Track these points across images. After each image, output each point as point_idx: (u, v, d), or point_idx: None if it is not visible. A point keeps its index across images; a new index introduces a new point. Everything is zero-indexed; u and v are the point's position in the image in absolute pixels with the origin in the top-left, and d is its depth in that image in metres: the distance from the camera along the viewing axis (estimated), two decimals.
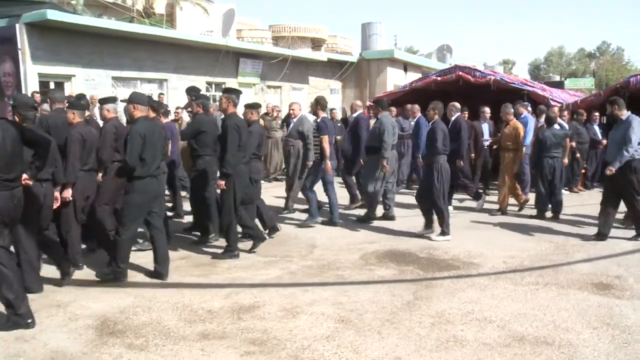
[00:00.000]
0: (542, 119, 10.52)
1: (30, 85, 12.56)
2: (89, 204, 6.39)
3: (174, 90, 16.12)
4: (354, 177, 9.85)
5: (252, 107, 7.75)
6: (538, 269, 6.35)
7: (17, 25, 12.52)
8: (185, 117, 10.53)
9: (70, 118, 6.20)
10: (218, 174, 6.95)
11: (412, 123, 11.90)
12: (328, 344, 4.34)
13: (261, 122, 12.32)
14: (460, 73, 13.17)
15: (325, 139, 8.36)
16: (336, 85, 22.98)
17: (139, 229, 6.34)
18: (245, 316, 4.89)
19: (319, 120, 8.66)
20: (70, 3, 17.25)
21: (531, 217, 9.16)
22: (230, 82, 18.17)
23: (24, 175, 4.92)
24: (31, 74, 12.71)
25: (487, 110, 11.59)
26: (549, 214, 9.15)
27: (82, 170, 6.13)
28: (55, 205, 5.72)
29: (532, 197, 9.84)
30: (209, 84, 17.68)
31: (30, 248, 5.38)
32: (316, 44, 24.55)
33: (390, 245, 7.44)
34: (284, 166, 13.73)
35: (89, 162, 6.23)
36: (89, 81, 13.94)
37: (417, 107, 11.95)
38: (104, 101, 6.40)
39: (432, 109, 7.98)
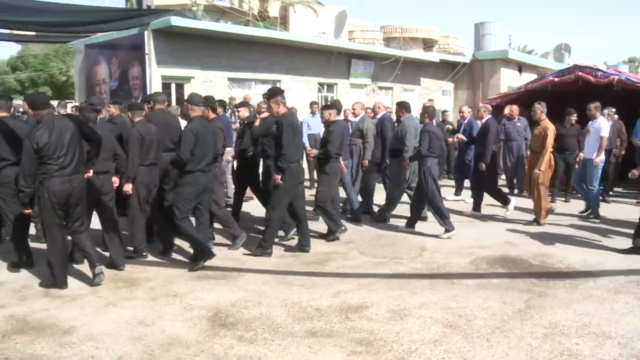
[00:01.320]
0: None
1: (154, 87, 13.31)
2: (153, 196, 6.84)
3: (286, 90, 16.43)
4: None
5: (330, 107, 7.85)
6: None
7: (145, 33, 13.35)
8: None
9: (130, 118, 6.89)
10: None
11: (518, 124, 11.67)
12: (435, 348, 4.27)
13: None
14: (580, 73, 12.45)
15: None
16: (448, 87, 22.54)
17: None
18: (353, 316, 4.92)
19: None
20: (191, 9, 18.12)
21: None
22: (342, 83, 18.33)
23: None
24: (155, 77, 13.46)
25: (613, 111, 10.85)
26: None
27: (143, 165, 6.59)
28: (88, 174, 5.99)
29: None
30: (321, 84, 17.92)
31: (113, 230, 6.36)
32: (428, 44, 24.18)
33: (502, 250, 7.20)
34: None
35: (149, 158, 6.66)
36: (207, 82, 14.56)
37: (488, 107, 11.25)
38: (189, 100, 6.78)
39: (423, 113, 8.21)
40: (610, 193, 11.22)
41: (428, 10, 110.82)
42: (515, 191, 11.63)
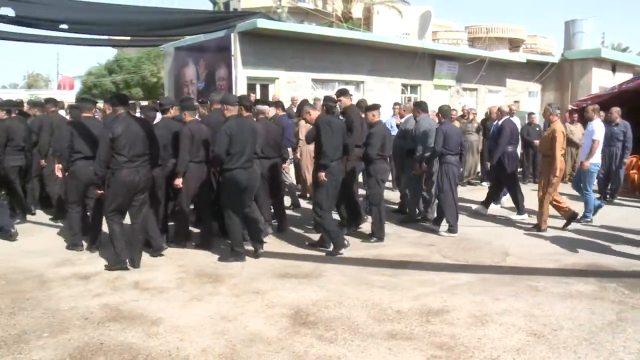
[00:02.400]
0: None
1: (240, 88, 13.62)
2: (201, 192, 7.22)
3: (369, 92, 16.45)
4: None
5: (373, 108, 7.84)
6: None
7: (231, 35, 13.70)
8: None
9: (183, 117, 7.23)
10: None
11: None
12: (518, 357, 4.13)
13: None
14: None
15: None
16: (535, 88, 21.78)
17: None
18: (434, 319, 4.84)
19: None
20: (275, 11, 18.45)
21: None
22: (426, 84, 18.11)
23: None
24: (241, 78, 13.77)
25: None
26: None
27: (193, 162, 6.97)
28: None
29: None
30: (405, 86, 17.77)
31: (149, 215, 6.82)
32: (514, 44, 23.57)
33: (590, 258, 6.88)
34: (478, 169, 13.42)
35: (199, 155, 7.03)
36: (291, 83, 14.75)
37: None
38: (223, 100, 7.09)
39: (439, 112, 8.46)
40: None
41: (515, 10, 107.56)
42: (608, 197, 11.08)
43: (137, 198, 6.30)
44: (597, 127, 8.93)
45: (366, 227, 8.13)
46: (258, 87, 14.37)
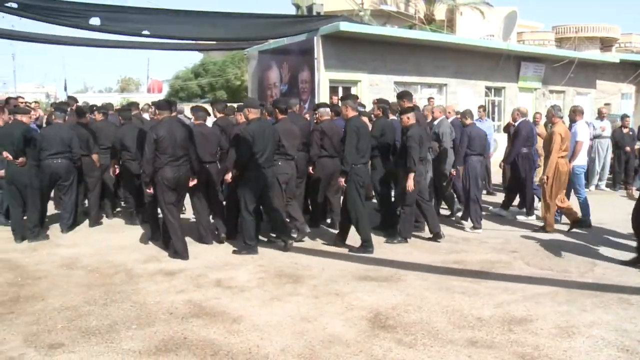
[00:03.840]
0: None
1: (322, 90, 13.75)
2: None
3: (452, 94, 16.21)
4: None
5: (406, 112, 7.73)
6: None
7: (314, 38, 13.86)
8: None
9: (238, 119, 7.74)
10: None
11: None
12: None
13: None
14: None
15: None
16: (628, 89, 20.75)
17: None
18: (516, 328, 4.70)
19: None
20: (358, 14, 18.48)
21: None
22: (511, 87, 17.65)
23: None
24: (323, 81, 13.91)
25: None
26: None
27: None
28: (191, 183, 7.05)
29: None
30: (489, 88, 17.39)
31: (218, 208, 7.79)
32: (606, 44, 22.56)
33: None
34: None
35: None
36: (373, 86, 14.74)
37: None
38: (246, 104, 7.45)
39: (463, 115, 8.74)
40: None
41: (607, 8, 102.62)
42: None
43: (181, 194, 6.98)
44: (580, 129, 8.76)
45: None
46: (340, 89, 14.46)
